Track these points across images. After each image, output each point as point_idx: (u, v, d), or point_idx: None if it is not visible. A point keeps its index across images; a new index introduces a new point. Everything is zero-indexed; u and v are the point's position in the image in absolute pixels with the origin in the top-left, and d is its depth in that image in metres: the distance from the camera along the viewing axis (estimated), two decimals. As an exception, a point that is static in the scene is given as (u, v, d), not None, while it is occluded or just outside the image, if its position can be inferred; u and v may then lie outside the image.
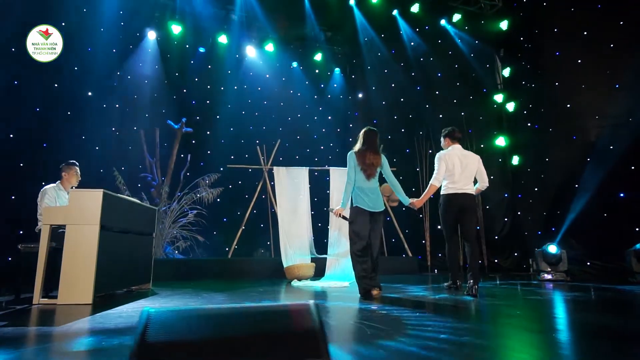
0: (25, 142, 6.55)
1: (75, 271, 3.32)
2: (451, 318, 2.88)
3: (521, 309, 3.49)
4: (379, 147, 4.30)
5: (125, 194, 6.67)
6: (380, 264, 7.44)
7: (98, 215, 3.40)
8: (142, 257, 4.57)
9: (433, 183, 4.44)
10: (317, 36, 9.38)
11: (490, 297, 4.07)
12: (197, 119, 9.55)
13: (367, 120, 9.86)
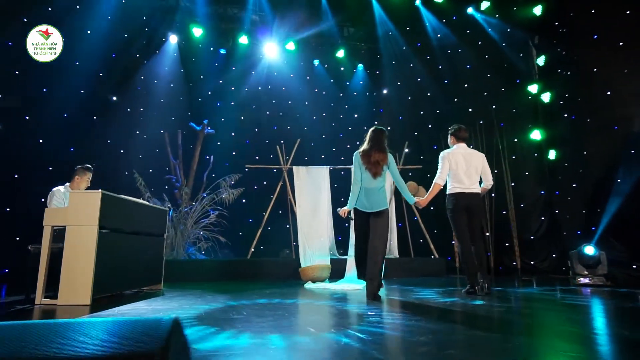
0: (54, 147, 6.79)
1: (74, 272, 3.34)
2: (442, 323, 2.62)
3: (535, 316, 3.14)
4: (385, 145, 4.25)
5: (146, 195, 6.80)
6: (405, 265, 7.27)
7: (97, 216, 3.40)
8: (152, 258, 4.58)
9: (437, 182, 4.50)
10: (337, 32, 9.19)
11: (506, 302, 3.73)
12: (222, 120, 9.63)
13: (392, 117, 9.57)
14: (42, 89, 6.76)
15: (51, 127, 6.80)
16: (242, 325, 2.60)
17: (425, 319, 2.85)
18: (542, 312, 3.35)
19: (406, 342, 2.19)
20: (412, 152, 9.09)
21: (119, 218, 3.76)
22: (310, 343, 2.15)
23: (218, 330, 2.47)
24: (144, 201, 4.58)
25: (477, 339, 2.25)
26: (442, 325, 2.66)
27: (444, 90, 9.09)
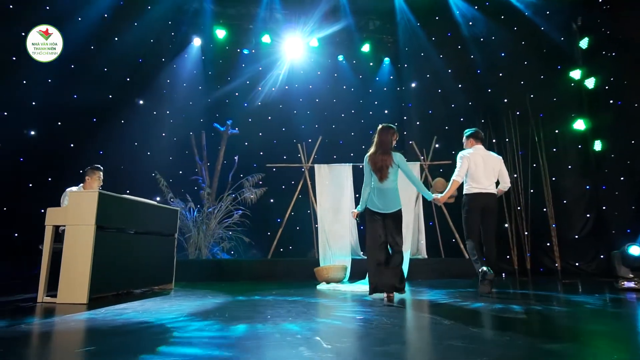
0: (84, 151, 7.09)
1: (72, 271, 3.39)
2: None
3: (546, 323, 2.77)
4: (391, 145, 4.22)
5: (168, 196, 6.91)
6: (434, 266, 6.88)
7: (93, 216, 3.43)
8: (161, 257, 4.61)
9: (455, 179, 4.50)
10: (363, 26, 8.93)
11: (522, 304, 3.34)
12: (250, 121, 9.67)
13: (421, 111, 9.17)
14: (73, 95, 7.07)
15: (81, 131, 7.11)
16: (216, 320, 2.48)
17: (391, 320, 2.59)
18: (554, 319, 2.96)
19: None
20: (442, 146, 8.65)
21: (119, 217, 3.79)
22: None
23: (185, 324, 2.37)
24: (150, 201, 4.61)
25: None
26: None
27: (477, 80, 8.56)
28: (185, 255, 7.12)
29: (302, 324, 2.67)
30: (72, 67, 7.10)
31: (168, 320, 2.82)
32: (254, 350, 2.02)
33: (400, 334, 2.44)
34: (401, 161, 4.17)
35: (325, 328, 2.59)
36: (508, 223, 7.33)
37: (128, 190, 7.13)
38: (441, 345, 2.10)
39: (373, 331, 2.47)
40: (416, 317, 3.11)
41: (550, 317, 3.00)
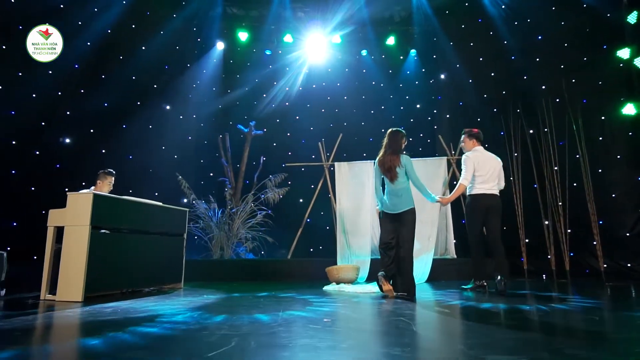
0: (116, 156, 7.44)
1: (70, 270, 3.51)
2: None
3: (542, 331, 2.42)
4: (399, 148, 4.32)
5: (191, 197, 7.06)
6: (460, 267, 6.46)
7: (88, 217, 3.54)
8: (169, 257, 4.68)
9: (462, 182, 4.58)
10: (387, 18, 8.65)
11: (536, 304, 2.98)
12: (277, 121, 9.71)
13: (452, 103, 8.71)
14: (104, 104, 7.45)
15: (112, 137, 7.47)
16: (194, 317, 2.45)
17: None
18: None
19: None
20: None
21: (115, 218, 3.88)
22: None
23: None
24: (153, 202, 4.69)
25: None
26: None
27: (511, 67, 7.98)
28: (210, 256, 7.24)
29: (271, 314, 2.94)
30: (102, 77, 7.48)
31: (154, 311, 2.97)
32: (195, 332, 2.29)
33: (344, 328, 2.28)
34: (407, 163, 4.25)
35: (282, 319, 2.79)
36: (547, 220, 6.71)
37: (131, 190, 7.41)
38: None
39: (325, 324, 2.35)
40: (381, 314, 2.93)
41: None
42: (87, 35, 7.34)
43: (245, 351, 1.86)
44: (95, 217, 3.61)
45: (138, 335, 2.25)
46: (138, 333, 2.30)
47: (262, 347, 1.93)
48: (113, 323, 2.61)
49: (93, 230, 3.62)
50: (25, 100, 6.63)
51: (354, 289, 4.61)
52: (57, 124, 6.93)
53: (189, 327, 2.47)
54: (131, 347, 1.98)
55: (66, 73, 7.06)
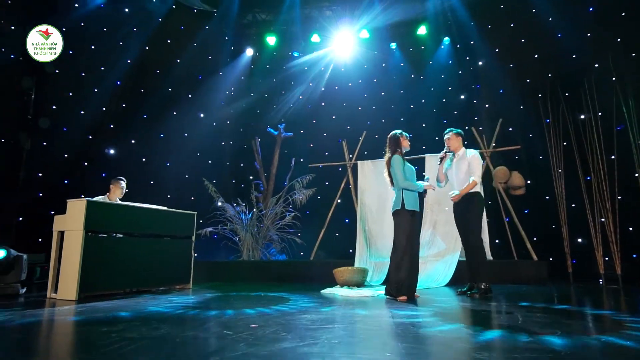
0: (154, 164, 7.98)
1: (67, 271, 3.82)
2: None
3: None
4: (397, 149, 4.30)
5: (218, 200, 7.31)
6: (491, 269, 5.89)
7: (82, 222, 3.82)
8: (176, 258, 4.89)
9: (478, 180, 4.36)
10: (418, 6, 8.22)
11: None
12: (314, 122, 9.71)
13: (492, 91, 8.05)
14: (143, 115, 8.03)
15: (151, 147, 8.01)
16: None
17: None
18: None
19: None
20: (516, 128, 7.43)
21: (111, 222, 4.14)
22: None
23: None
24: (156, 206, 4.91)
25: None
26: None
27: (557, 47, 7.16)
28: (239, 257, 7.44)
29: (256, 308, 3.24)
30: (142, 91, 8.07)
31: (143, 307, 3.21)
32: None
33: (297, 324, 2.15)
34: (393, 163, 4.18)
35: (256, 314, 3.04)
36: (600, 217, 5.87)
37: (169, 195, 7.85)
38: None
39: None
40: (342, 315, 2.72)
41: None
42: (127, 54, 7.97)
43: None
44: (90, 222, 3.90)
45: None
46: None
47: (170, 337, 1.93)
48: (71, 320, 2.80)
49: (90, 234, 3.90)
50: (75, 117, 7.38)
51: (348, 293, 4.40)
52: (102, 137, 7.60)
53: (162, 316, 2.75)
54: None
55: (109, 90, 7.73)
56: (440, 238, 6.13)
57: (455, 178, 4.47)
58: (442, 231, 6.16)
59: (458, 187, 4.42)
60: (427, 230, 6.25)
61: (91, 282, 3.88)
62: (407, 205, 4.05)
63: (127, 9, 8.06)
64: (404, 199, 4.07)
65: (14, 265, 4.19)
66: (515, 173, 6.27)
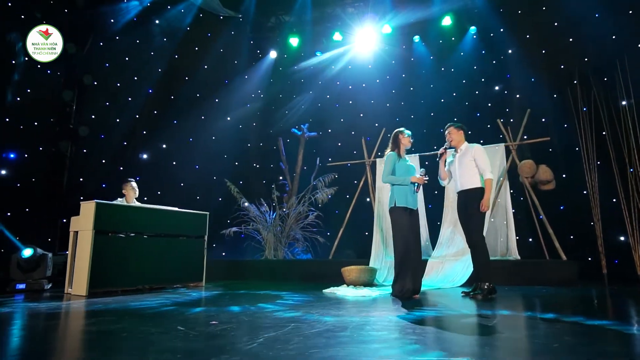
0: (185, 167, 8.34)
1: (80, 268, 4.10)
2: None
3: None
4: (394, 147, 4.26)
5: (241, 201, 7.49)
6: (514, 269, 5.54)
7: (91, 222, 4.08)
8: (188, 257, 5.08)
9: (491, 176, 4.09)
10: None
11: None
12: (342, 120, 9.67)
13: (523, 80, 7.55)
14: (173, 121, 8.42)
15: (181, 151, 8.38)
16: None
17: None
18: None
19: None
20: (550, 119, 6.93)
21: (120, 223, 4.38)
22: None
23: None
24: (167, 207, 5.11)
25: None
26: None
27: (595, 27, 6.57)
28: (262, 256, 7.57)
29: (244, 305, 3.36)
30: (172, 98, 8.46)
31: (136, 303, 3.44)
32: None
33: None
34: (385, 160, 4.17)
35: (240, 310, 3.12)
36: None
37: (198, 197, 8.12)
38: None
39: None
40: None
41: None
42: (158, 63, 8.40)
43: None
44: (100, 223, 4.16)
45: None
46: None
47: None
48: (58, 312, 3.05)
49: (100, 234, 4.17)
50: (111, 125, 7.90)
51: (346, 292, 4.33)
52: (135, 143, 8.07)
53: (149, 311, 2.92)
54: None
55: (142, 98, 8.19)
56: (460, 236, 5.85)
57: (459, 174, 4.23)
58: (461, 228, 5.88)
59: (461, 184, 4.20)
60: (447, 229, 6.01)
61: (102, 279, 4.14)
62: (399, 202, 3.95)
63: (157, 21, 8.49)
64: (395, 197, 3.97)
65: (40, 263, 4.57)
66: (542, 167, 5.83)
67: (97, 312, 3.08)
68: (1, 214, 5.71)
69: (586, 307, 3.40)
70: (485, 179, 4.06)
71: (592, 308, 3.40)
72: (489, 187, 4.03)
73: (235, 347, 1.93)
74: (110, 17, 8.02)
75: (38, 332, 2.52)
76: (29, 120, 6.58)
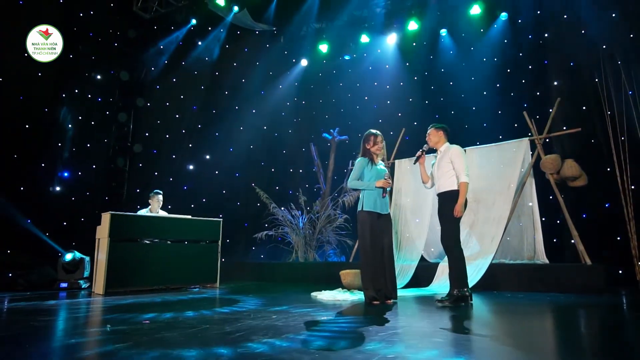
0: (226, 176, 8.98)
1: (100, 271, 4.75)
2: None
3: None
4: (364, 151, 4.22)
5: (271, 206, 7.86)
6: (534, 274, 5.09)
7: (107, 231, 4.71)
8: (203, 260, 5.55)
9: (466, 179, 3.88)
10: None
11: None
12: (380, 122, 9.61)
13: (562, 65, 6.86)
14: (216, 134, 9.12)
15: (223, 160, 9.04)
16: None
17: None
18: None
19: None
20: (592, 105, 6.21)
21: (134, 231, 4.96)
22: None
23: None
24: (181, 216, 5.61)
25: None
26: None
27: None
28: (295, 259, 7.84)
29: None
30: (213, 112, 9.18)
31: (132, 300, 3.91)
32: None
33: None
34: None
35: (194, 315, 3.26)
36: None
37: (238, 203, 8.60)
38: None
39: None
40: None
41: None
42: (201, 81, 9.18)
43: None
44: (115, 231, 4.78)
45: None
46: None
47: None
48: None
49: (115, 241, 4.80)
50: (161, 141, 8.82)
51: (326, 296, 4.38)
52: (183, 155, 8.90)
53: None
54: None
55: (188, 114, 9.02)
56: (476, 239, 5.56)
57: (437, 176, 4.08)
58: (480, 232, 5.58)
59: (438, 186, 4.04)
60: (464, 231, 5.70)
61: (119, 280, 4.76)
62: (366, 207, 3.94)
63: (200, 42, 9.26)
64: (363, 200, 3.97)
65: (79, 265, 5.36)
66: (568, 161, 5.25)
67: (92, 304, 3.59)
68: (57, 224, 6.75)
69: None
70: (460, 182, 3.86)
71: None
72: (463, 191, 3.83)
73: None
74: (160, 44, 8.94)
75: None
76: (81, 142, 7.59)
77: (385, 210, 4.05)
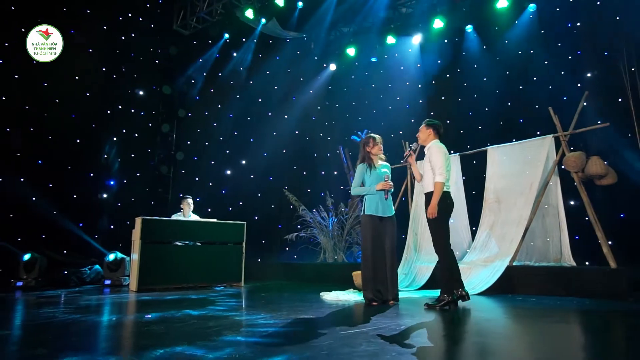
0: (261, 180, 9.40)
1: (133, 270, 5.27)
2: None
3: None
4: (362, 155, 4.32)
5: (300, 209, 8.12)
6: (558, 278, 4.88)
7: (139, 234, 5.22)
8: (228, 260, 5.93)
9: (442, 181, 3.74)
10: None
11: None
12: (412, 121, 9.56)
13: (595, 55, 6.45)
14: (251, 139, 9.58)
15: (257, 165, 9.48)
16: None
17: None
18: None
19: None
20: (627, 98, 5.80)
21: (165, 233, 5.43)
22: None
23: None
24: (209, 219, 6.04)
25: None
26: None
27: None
28: (324, 260, 8.05)
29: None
30: (248, 119, 9.65)
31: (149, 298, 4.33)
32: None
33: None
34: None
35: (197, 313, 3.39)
36: None
37: (272, 205, 8.91)
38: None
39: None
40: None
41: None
42: (236, 90, 9.68)
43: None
44: (146, 234, 5.29)
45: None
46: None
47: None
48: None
49: (147, 243, 5.31)
50: (201, 148, 9.43)
51: (331, 297, 4.53)
52: (221, 161, 9.45)
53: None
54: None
55: (224, 122, 9.56)
56: (495, 241, 5.43)
57: (424, 175, 4.06)
58: (499, 233, 5.45)
59: (424, 186, 4.00)
60: (483, 232, 5.63)
61: (150, 278, 5.27)
62: (367, 210, 4.04)
63: (235, 53, 9.77)
64: (366, 205, 4.07)
65: (120, 264, 5.97)
66: (593, 158, 4.94)
67: (121, 298, 4.05)
68: (105, 227, 7.50)
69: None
70: (435, 182, 3.74)
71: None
72: (437, 190, 3.71)
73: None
74: (199, 58, 9.56)
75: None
76: (126, 153, 8.30)
77: (388, 213, 4.12)
